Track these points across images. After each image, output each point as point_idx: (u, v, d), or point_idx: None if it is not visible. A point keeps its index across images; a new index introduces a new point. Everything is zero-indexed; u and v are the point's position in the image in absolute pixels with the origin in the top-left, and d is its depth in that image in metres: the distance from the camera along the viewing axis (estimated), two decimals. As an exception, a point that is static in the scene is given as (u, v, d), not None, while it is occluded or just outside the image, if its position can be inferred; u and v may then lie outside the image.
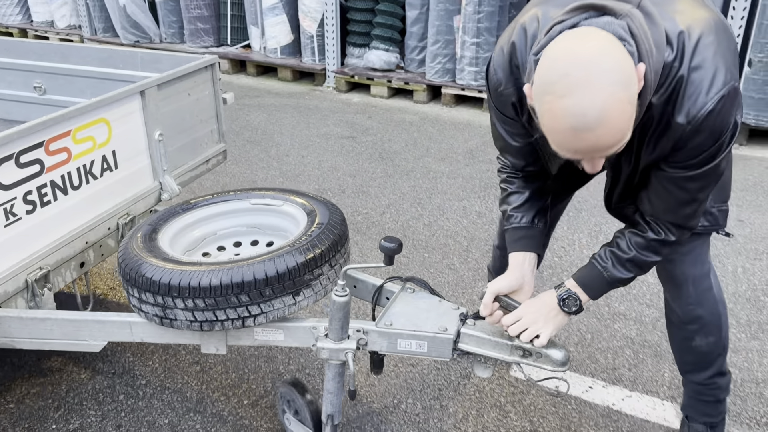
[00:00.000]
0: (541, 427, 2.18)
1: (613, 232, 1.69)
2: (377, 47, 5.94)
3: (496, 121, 1.70)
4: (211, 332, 1.84)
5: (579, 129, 1.19)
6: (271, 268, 1.73)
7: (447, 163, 4.41)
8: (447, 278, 3.04)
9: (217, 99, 2.84)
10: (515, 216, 1.77)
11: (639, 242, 1.60)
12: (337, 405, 1.89)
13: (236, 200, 2.19)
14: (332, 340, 1.81)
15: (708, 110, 1.33)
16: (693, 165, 1.43)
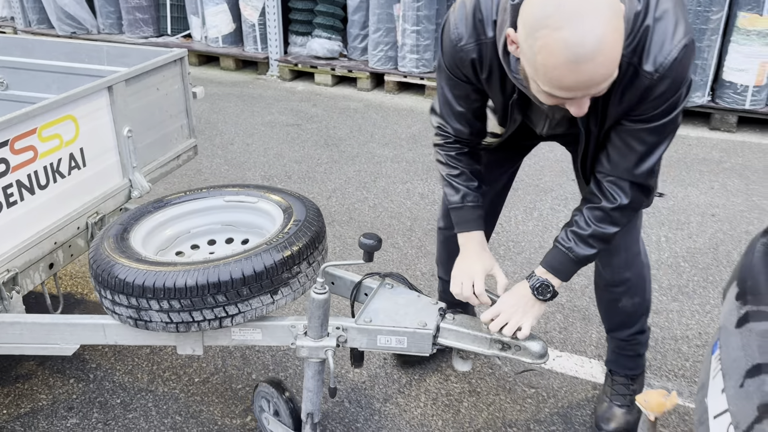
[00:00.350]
0: (479, 387, 2.31)
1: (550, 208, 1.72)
2: (320, 35, 5.94)
3: (444, 85, 1.70)
4: (187, 333, 1.81)
5: (578, 60, 1.20)
6: (248, 267, 1.71)
7: (391, 148, 4.50)
8: (391, 257, 3.13)
9: (187, 93, 2.78)
10: (469, 195, 1.79)
11: (596, 215, 1.62)
12: (316, 403, 1.88)
13: (210, 197, 2.15)
14: (312, 338, 1.80)
15: (673, 57, 1.38)
16: (654, 117, 1.47)
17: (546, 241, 3.27)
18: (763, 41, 4.48)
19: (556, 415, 2.18)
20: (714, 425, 1.29)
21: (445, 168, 1.82)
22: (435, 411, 2.22)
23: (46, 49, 2.91)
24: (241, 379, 2.36)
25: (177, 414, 2.21)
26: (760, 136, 4.67)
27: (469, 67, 1.58)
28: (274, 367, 2.42)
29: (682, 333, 2.58)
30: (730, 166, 4.17)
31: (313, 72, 6.04)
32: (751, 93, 4.66)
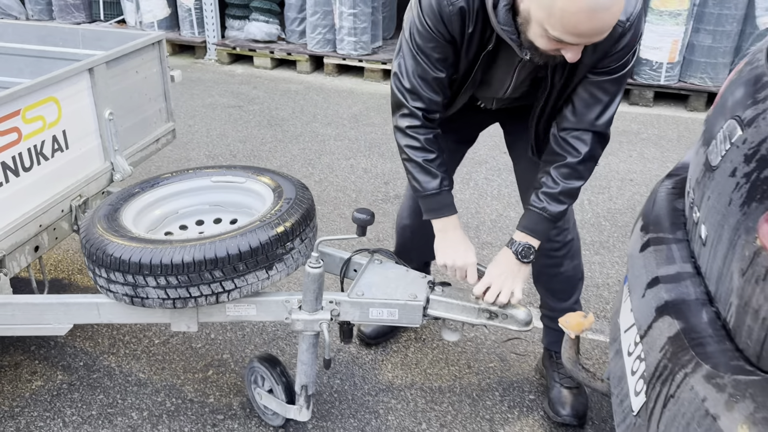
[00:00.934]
0: (424, 335, 2.48)
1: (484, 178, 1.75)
2: (257, 19, 5.96)
3: (421, 51, 1.63)
4: (183, 310, 1.82)
5: (595, 8, 1.29)
6: (244, 243, 1.73)
7: (333, 128, 4.59)
8: (338, 226, 3.28)
9: (165, 77, 2.77)
10: (446, 180, 1.79)
11: (563, 172, 1.70)
12: (311, 375, 1.91)
13: (197, 178, 2.16)
14: (307, 312, 1.83)
15: (639, 8, 1.52)
16: (617, 68, 1.60)
17: (482, 208, 3.45)
18: (674, 21, 4.72)
19: (493, 354, 2.37)
20: (624, 338, 1.49)
21: (421, 153, 1.76)
22: (384, 356, 2.35)
23: (19, 33, 2.85)
24: (200, 338, 2.43)
25: (140, 372, 2.27)
26: (673, 110, 5.01)
27: (457, 22, 1.56)
28: (231, 327, 2.49)
29: (603, 281, 2.83)
30: (647, 137, 4.48)
31: (252, 55, 6.05)
32: (665, 69, 4.93)
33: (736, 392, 1.04)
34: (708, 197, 1.35)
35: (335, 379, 2.24)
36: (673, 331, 1.23)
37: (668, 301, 1.31)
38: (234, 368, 2.29)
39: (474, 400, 2.15)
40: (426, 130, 1.75)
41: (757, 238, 1.10)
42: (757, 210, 1.13)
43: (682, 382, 1.14)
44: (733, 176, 1.26)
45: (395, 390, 2.19)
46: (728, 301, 1.17)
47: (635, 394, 1.33)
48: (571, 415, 2.03)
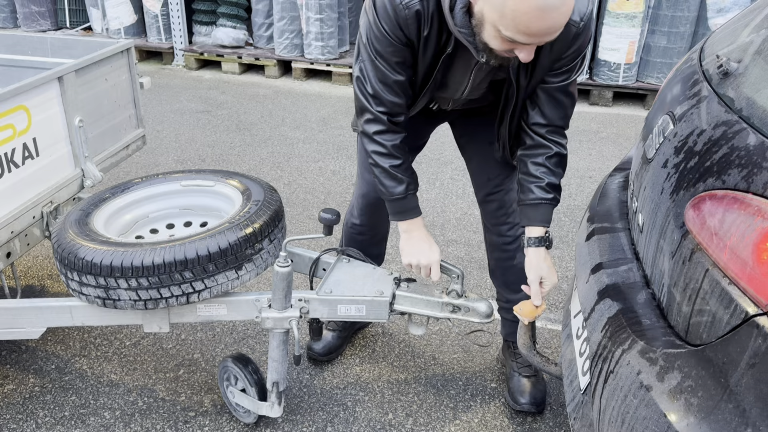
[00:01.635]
0: (391, 329, 2.56)
1: (450, 178, 1.79)
2: (224, 24, 6.03)
3: (379, 55, 1.66)
4: (154, 311, 1.88)
5: (547, 8, 1.34)
6: (213, 245, 1.79)
7: (302, 131, 4.67)
8: (308, 226, 3.35)
9: (134, 84, 2.81)
10: (411, 185, 1.83)
11: (555, 162, 1.77)
12: (282, 372, 1.98)
13: (167, 182, 2.21)
14: (276, 310, 1.90)
15: (591, 8, 1.60)
16: (573, 68, 1.69)
17: (447, 207, 3.55)
18: (630, 23, 4.92)
19: (457, 345, 2.47)
20: (574, 323, 1.61)
21: (388, 159, 1.78)
22: (353, 351, 2.43)
23: (-15, 42, 2.87)
24: (171, 339, 2.49)
25: (112, 373, 2.32)
26: (632, 109, 5.20)
27: (413, 25, 1.58)
28: (202, 327, 2.54)
29: (563, 274, 2.96)
30: (606, 136, 4.63)
31: (220, 60, 6.11)
32: (623, 70, 5.12)
33: (667, 364, 1.14)
34: (644, 188, 1.45)
35: (305, 374, 2.31)
36: (612, 312, 1.33)
37: (609, 285, 1.41)
38: (205, 367, 2.34)
39: (438, 389, 2.24)
40: (392, 135, 1.77)
41: (683, 223, 1.21)
42: (684, 197, 1.23)
43: (620, 358, 1.24)
44: (665, 167, 1.36)
45: (363, 383, 2.27)
46: (661, 282, 1.28)
47: (582, 374, 1.43)
48: (530, 403, 2.12)
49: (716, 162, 1.18)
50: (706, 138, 1.25)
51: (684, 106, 1.44)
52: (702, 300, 1.11)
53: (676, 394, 1.09)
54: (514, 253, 2.11)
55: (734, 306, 1.01)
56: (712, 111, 1.30)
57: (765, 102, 1.18)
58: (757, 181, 1.05)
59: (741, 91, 1.27)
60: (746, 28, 1.51)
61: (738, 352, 0.99)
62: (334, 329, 2.39)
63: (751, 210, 1.03)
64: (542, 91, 1.72)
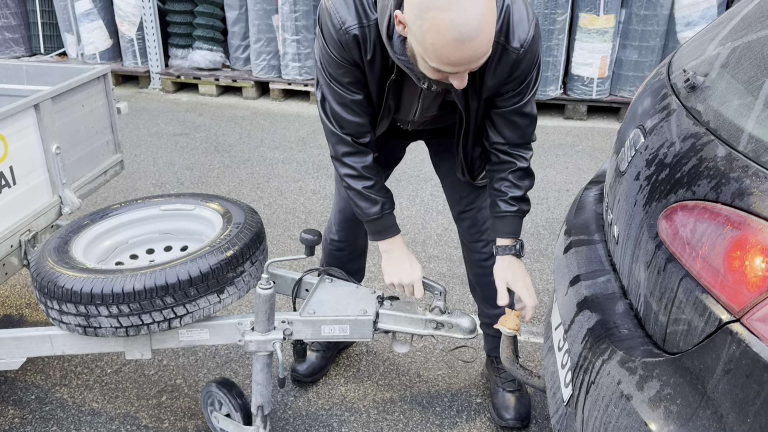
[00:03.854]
0: (375, 348, 2.57)
1: (430, 195, 1.81)
2: (201, 47, 6.06)
3: (333, 78, 1.68)
4: (136, 337, 1.86)
5: (463, 38, 1.35)
6: (194, 269, 1.79)
7: (281, 151, 4.69)
8: (289, 247, 3.35)
9: (111, 109, 2.81)
10: (387, 204, 1.84)
11: (519, 175, 1.78)
12: (266, 395, 1.97)
13: (146, 207, 2.21)
14: (259, 332, 1.89)
15: (532, 35, 1.59)
16: (522, 91, 1.68)
17: (428, 223, 3.58)
18: (601, 38, 5.03)
19: (441, 362, 2.48)
20: (555, 335, 1.63)
21: (360, 181, 1.79)
22: (338, 371, 2.43)
23: (-41, 71, 2.85)
24: (153, 365, 2.46)
25: (93, 401, 2.29)
26: (606, 122, 5.30)
27: (354, 48, 1.60)
28: (184, 352, 2.52)
29: (543, 287, 2.98)
30: (581, 149, 4.71)
31: (197, 83, 6.12)
32: (596, 84, 5.22)
33: (646, 373, 1.16)
34: (618, 200, 1.48)
35: (289, 396, 2.30)
36: (591, 323, 1.35)
37: (587, 297, 1.43)
38: (188, 392, 2.32)
39: (424, 407, 2.24)
40: (361, 157, 1.79)
41: (657, 234, 1.23)
42: (656, 209, 1.26)
43: (601, 368, 1.25)
44: (638, 180, 1.39)
45: (348, 403, 2.26)
46: (638, 292, 1.30)
47: (565, 386, 1.45)
48: (515, 419, 2.13)
49: (686, 173, 1.21)
50: (676, 150, 1.29)
51: (654, 119, 1.48)
52: (677, 309, 1.13)
53: (656, 402, 1.10)
54: (491, 269, 2.10)
55: (708, 314, 1.03)
56: (681, 124, 1.34)
57: (731, 114, 1.21)
58: (726, 191, 1.08)
59: (708, 104, 1.30)
60: (712, 42, 1.55)
61: (713, 359, 1.01)
62: (318, 350, 2.38)
63: (721, 219, 1.06)
64: (496, 115, 1.74)
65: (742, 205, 1.03)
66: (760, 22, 1.40)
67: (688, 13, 4.92)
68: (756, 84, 1.23)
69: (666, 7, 4.94)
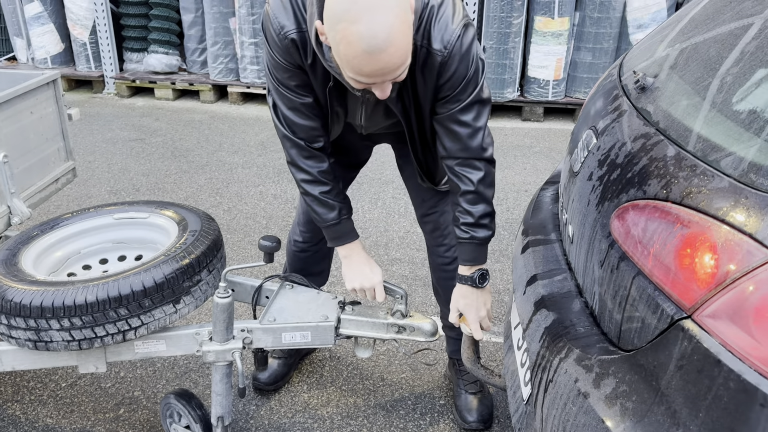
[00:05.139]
0: (338, 353, 2.55)
1: (392, 197, 1.81)
2: (156, 51, 5.98)
3: (282, 83, 1.68)
4: (89, 350, 1.81)
5: (372, 51, 1.34)
6: (148, 279, 1.75)
7: (241, 155, 4.64)
8: (249, 253, 3.29)
9: (62, 116, 2.73)
10: (344, 210, 1.84)
11: (468, 199, 1.71)
12: (226, 406, 1.93)
13: (98, 216, 2.15)
14: (218, 342, 1.86)
15: (457, 35, 1.54)
16: (458, 96, 1.62)
17: (390, 226, 3.58)
18: (556, 41, 5.12)
19: (404, 365, 2.47)
20: (514, 334, 1.64)
21: (317, 186, 1.79)
22: (300, 378, 2.41)
23: None
24: (109, 378, 2.40)
25: (47, 417, 2.22)
26: (562, 123, 5.39)
27: (295, 53, 1.60)
28: (141, 364, 2.47)
29: (504, 287, 3.01)
30: (539, 150, 4.77)
31: (153, 87, 6.02)
32: (552, 86, 5.31)
33: (602, 371, 1.18)
34: (572, 200, 1.50)
35: (251, 405, 2.26)
36: (549, 322, 1.36)
37: (544, 296, 1.44)
38: (146, 405, 2.27)
39: (388, 411, 2.23)
40: (316, 161, 1.78)
41: (609, 233, 1.25)
42: (609, 208, 1.28)
43: (558, 367, 1.27)
44: (590, 180, 1.41)
45: (311, 410, 2.24)
46: (592, 290, 1.31)
47: (524, 384, 1.46)
48: (478, 420, 2.14)
49: (637, 173, 1.23)
50: (627, 150, 1.31)
51: (606, 120, 1.50)
52: (631, 306, 1.15)
53: (612, 399, 1.12)
54: (453, 273, 2.11)
55: (661, 311, 1.05)
56: (632, 124, 1.36)
57: (680, 114, 1.24)
58: (675, 190, 1.10)
59: (658, 105, 1.33)
60: (661, 44, 1.59)
61: (666, 355, 1.02)
62: (280, 357, 2.36)
63: (671, 218, 1.08)
64: (437, 123, 1.70)
65: (692, 204, 1.05)
66: (706, 24, 1.43)
67: (640, 15, 5.03)
68: (703, 84, 1.26)
69: (618, 10, 5.05)
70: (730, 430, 0.90)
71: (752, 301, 0.90)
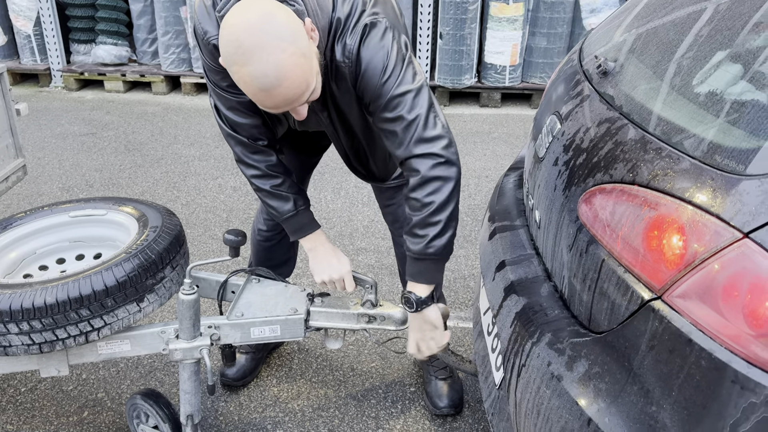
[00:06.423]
0: (307, 345, 2.52)
1: (354, 186, 1.79)
2: (104, 42, 5.82)
3: (217, 84, 1.67)
4: (51, 354, 1.75)
5: (267, 88, 1.36)
6: (109, 278, 1.70)
7: (197, 148, 4.55)
8: (211, 247, 3.25)
9: (10, 111, 2.63)
10: (299, 200, 1.81)
11: (411, 205, 1.60)
12: (195, 404, 1.90)
13: (53, 215, 2.08)
14: (185, 340, 1.82)
15: (356, 41, 1.50)
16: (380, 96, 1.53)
17: (354, 215, 3.57)
18: (511, 26, 5.16)
19: (374, 354, 2.47)
20: (484, 320, 1.65)
21: (267, 180, 1.78)
22: (269, 372, 2.38)
23: None
24: (71, 380, 2.34)
25: (7, 423, 2.15)
26: (519, 109, 5.43)
27: (217, 55, 1.54)
28: (104, 364, 2.41)
29: (469, 272, 3.03)
30: (497, 136, 4.81)
31: (103, 80, 5.86)
32: (509, 72, 5.35)
33: (574, 353, 1.19)
34: (538, 185, 1.51)
35: (219, 401, 2.23)
36: (519, 307, 1.38)
37: (513, 281, 1.46)
38: (111, 406, 2.21)
39: (359, 400, 2.23)
40: (264, 156, 1.77)
41: (577, 217, 1.27)
42: (576, 193, 1.30)
43: (531, 351, 1.28)
44: (556, 165, 1.43)
45: (282, 403, 2.22)
46: (561, 274, 1.33)
47: (496, 369, 1.47)
48: (449, 406, 2.16)
49: (603, 157, 1.24)
50: (592, 135, 1.32)
51: (569, 105, 1.52)
52: (601, 289, 1.16)
53: (585, 381, 1.13)
54: None
55: (631, 293, 1.07)
56: (595, 109, 1.38)
57: (642, 98, 1.26)
58: (642, 173, 1.12)
59: (620, 89, 1.35)
60: (619, 29, 1.61)
61: (638, 336, 1.04)
62: (248, 351, 2.33)
63: (638, 201, 1.09)
64: (374, 127, 1.66)
65: (658, 186, 1.07)
66: (663, 8, 1.46)
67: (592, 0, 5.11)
68: (663, 68, 1.28)
69: (571, -5, 5.12)
70: (702, 406, 0.92)
71: (720, 280, 0.92)
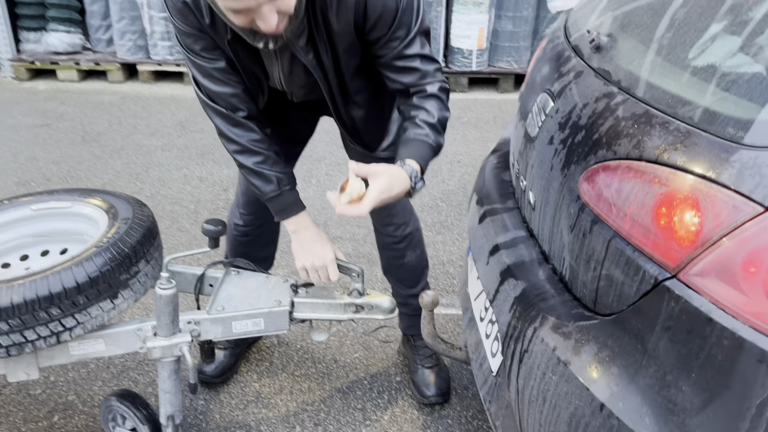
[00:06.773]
0: (287, 339, 2.46)
1: (325, 174, 1.71)
2: (56, 29, 5.58)
3: (191, 49, 1.61)
4: (19, 357, 1.65)
5: None
6: (80, 274, 1.59)
7: (158, 137, 4.42)
8: (180, 240, 3.16)
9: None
10: (284, 180, 1.73)
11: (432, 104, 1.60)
12: (176, 404, 1.82)
13: (13, 208, 1.95)
14: (163, 337, 1.74)
15: None
16: (398, 32, 1.51)
17: (327, 203, 3.44)
18: (477, 10, 5.13)
19: (357, 344, 2.42)
20: (475, 306, 1.60)
21: (249, 156, 1.70)
22: (249, 367, 2.31)
23: None
24: (39, 384, 2.22)
25: (-27, 432, 2.04)
26: (487, 93, 5.43)
27: (190, 15, 1.54)
28: (73, 366, 2.30)
29: (448, 258, 3.00)
30: (467, 120, 4.78)
31: (55, 69, 5.61)
32: (476, 56, 5.33)
33: (581, 337, 1.16)
34: (532, 166, 1.47)
35: (199, 400, 2.15)
36: (518, 291, 1.34)
37: (509, 265, 1.42)
38: (83, 409, 2.11)
39: (344, 393, 2.18)
40: (244, 130, 1.69)
41: (578, 196, 1.23)
42: (575, 171, 1.26)
43: (533, 336, 1.24)
44: (551, 144, 1.39)
45: (264, 399, 2.15)
46: (561, 256, 1.29)
47: (492, 356, 1.43)
48: (436, 395, 2.12)
49: (604, 134, 1.21)
50: (590, 111, 1.28)
51: (561, 82, 1.48)
52: (607, 270, 1.13)
53: (595, 365, 1.10)
54: (403, 252, 2.09)
55: (642, 273, 1.04)
56: (591, 85, 1.34)
57: (643, 72, 1.22)
58: (649, 148, 1.08)
59: (617, 64, 1.31)
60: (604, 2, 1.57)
61: (651, 317, 1.01)
62: (226, 347, 2.25)
63: (647, 177, 1.06)
64: (384, 66, 1.60)
65: (668, 162, 1.03)
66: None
67: (557, -18, 5.11)
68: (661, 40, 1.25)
69: (536, -23, 5.11)
70: (725, 387, 0.89)
71: (741, 256, 0.90)
